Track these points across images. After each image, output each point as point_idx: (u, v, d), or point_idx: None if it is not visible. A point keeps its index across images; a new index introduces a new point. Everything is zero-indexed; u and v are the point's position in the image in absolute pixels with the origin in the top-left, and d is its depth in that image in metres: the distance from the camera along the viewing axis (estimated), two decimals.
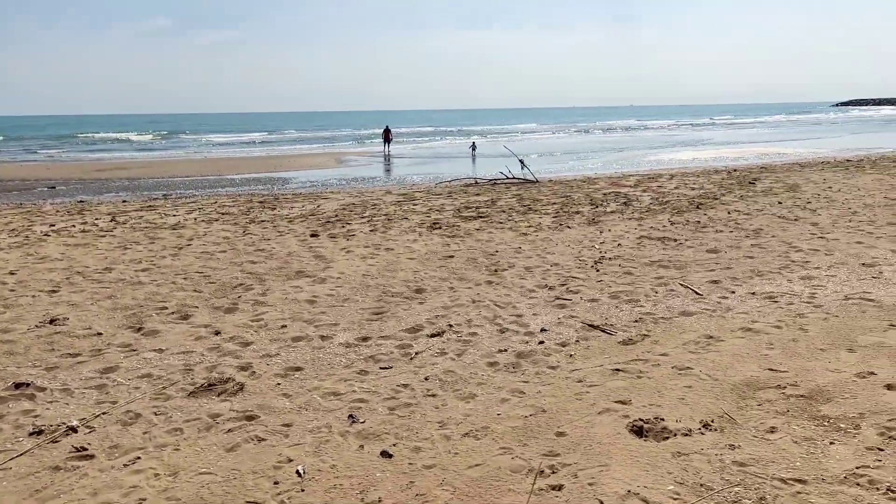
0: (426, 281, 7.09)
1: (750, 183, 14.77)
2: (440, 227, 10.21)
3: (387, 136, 32.81)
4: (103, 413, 4.10)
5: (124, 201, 15.00)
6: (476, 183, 16.81)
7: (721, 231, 9.33)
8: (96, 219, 11.73)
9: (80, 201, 15.24)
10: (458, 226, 10.33)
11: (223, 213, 12.18)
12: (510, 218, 10.96)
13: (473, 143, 32.56)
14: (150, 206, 13.70)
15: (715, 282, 6.74)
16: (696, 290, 6.45)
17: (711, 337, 5.13)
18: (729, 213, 10.80)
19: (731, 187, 14.09)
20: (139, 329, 5.66)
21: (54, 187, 19.07)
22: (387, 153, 31.54)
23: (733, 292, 6.36)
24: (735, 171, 18.26)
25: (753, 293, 6.30)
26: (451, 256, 8.21)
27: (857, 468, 3.24)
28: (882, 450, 3.40)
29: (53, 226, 10.96)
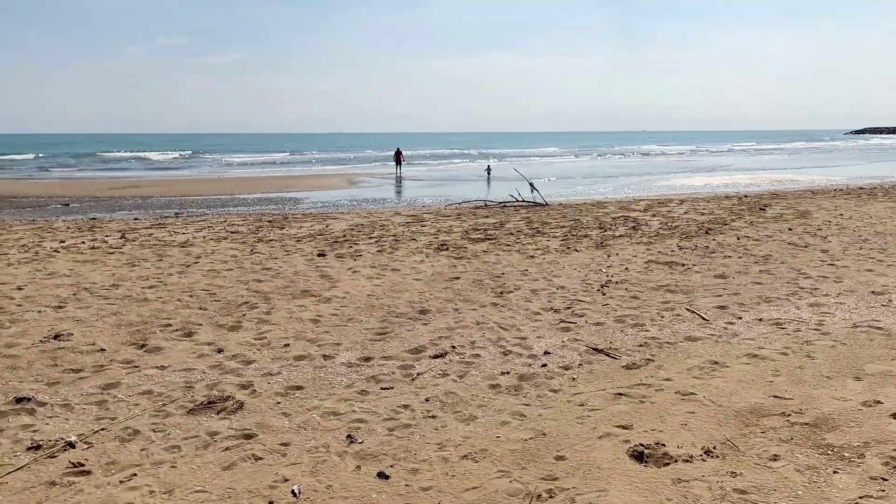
0: (431, 302, 7.10)
1: (760, 209, 14.72)
2: (447, 249, 10.24)
3: (398, 158, 33.13)
4: (102, 429, 4.12)
5: (135, 219, 15.18)
6: (486, 205, 16.89)
7: (730, 256, 9.29)
8: (106, 236, 11.88)
9: (92, 218, 15.45)
10: (466, 247, 10.35)
11: (232, 232, 12.30)
12: (518, 240, 10.98)
13: (489, 166, 32.70)
14: (160, 223, 13.86)
15: (722, 307, 6.69)
16: (703, 316, 6.40)
17: (716, 363, 5.09)
18: (738, 238, 10.76)
19: (742, 213, 14.05)
20: (142, 346, 5.70)
21: (68, 204, 19.37)
22: (399, 175, 31.78)
23: (740, 318, 6.31)
24: (746, 196, 18.21)
25: (760, 319, 6.25)
26: (457, 278, 8.23)
27: (860, 498, 3.18)
28: (886, 479, 3.34)
29: (63, 242, 11.11)
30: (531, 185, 19.17)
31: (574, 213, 14.86)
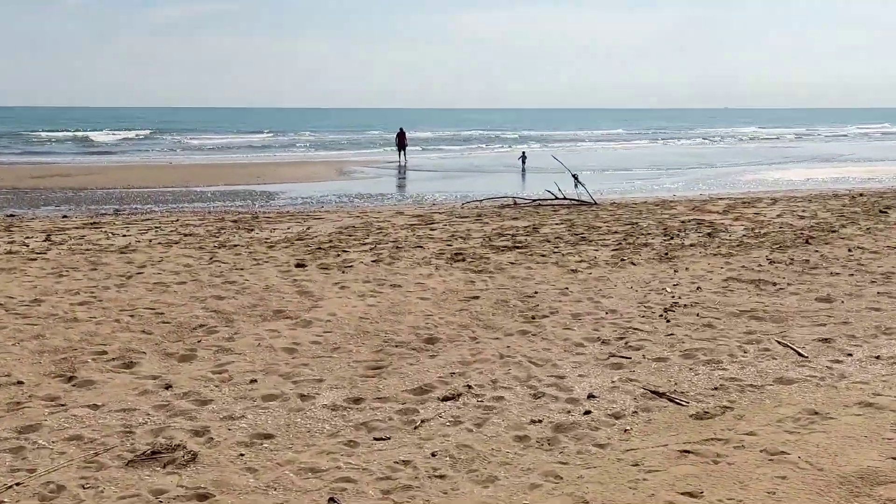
0: (441, 328, 7.15)
1: (881, 212, 14.64)
2: (463, 259, 10.31)
3: (402, 142, 33.19)
4: (17, 483, 4.19)
5: (64, 217, 15.42)
6: (515, 203, 16.94)
7: (838, 274, 9.26)
8: (27, 237, 12.08)
9: (10, 215, 15.72)
10: (488, 258, 10.41)
11: (186, 235, 12.46)
12: (556, 249, 11.02)
13: (524, 153, 32.80)
14: (95, 223, 14.07)
15: (825, 340, 6.67)
16: (800, 351, 6.39)
17: (817, 413, 5.07)
18: (850, 250, 10.72)
19: (855, 217, 13.98)
20: (70, 379, 5.79)
21: None
22: (402, 163, 31.97)
23: (850, 355, 6.29)
24: (861, 195, 18.11)
25: (878, 357, 6.22)
26: (476, 297, 8.28)
27: None
28: None
29: None
30: (575, 177, 19.25)
31: (631, 214, 14.86)
